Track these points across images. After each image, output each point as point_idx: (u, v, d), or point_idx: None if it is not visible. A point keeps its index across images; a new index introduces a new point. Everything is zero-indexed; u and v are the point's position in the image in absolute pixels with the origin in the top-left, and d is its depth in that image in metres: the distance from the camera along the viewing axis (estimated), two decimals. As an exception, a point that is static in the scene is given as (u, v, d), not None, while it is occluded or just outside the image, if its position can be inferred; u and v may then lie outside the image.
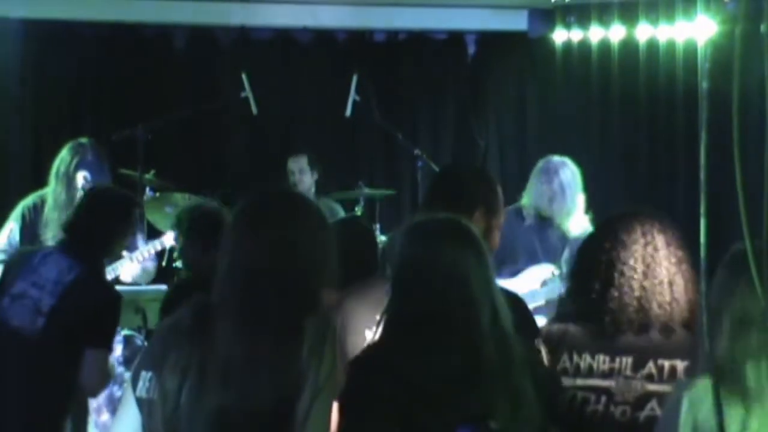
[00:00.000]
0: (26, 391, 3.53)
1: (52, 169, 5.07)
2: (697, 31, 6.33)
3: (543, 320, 3.64)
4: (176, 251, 4.61)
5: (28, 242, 4.95)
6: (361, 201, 6.43)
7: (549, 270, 5.08)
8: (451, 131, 7.64)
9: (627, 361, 2.65)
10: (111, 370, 3.95)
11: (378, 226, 6.10)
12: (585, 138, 7.36)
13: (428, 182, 4.12)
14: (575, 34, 7.27)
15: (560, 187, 5.15)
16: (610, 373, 2.65)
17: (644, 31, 6.92)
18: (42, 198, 5.09)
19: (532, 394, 2.26)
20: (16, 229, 5.04)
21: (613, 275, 2.69)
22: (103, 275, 3.95)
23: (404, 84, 7.56)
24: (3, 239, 5.03)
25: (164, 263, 5.38)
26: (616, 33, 7.04)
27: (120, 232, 3.83)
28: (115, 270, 4.95)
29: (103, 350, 3.64)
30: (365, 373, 2.27)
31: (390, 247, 2.60)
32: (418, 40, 7.53)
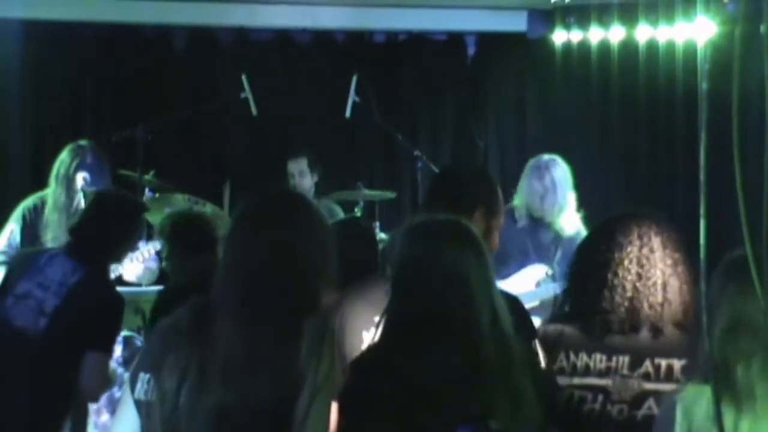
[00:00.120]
0: (28, 391, 3.52)
1: (52, 171, 5.07)
2: (696, 32, 6.32)
3: (537, 321, 3.64)
4: (163, 259, 4.59)
5: (28, 243, 4.94)
6: (361, 202, 6.43)
7: (543, 270, 5.08)
8: (451, 132, 7.63)
9: (624, 359, 2.66)
10: (112, 375, 3.93)
11: (377, 226, 6.10)
12: (585, 139, 7.36)
13: (428, 183, 4.12)
14: (575, 35, 7.26)
15: (552, 184, 5.17)
16: (606, 372, 2.66)
17: (644, 32, 6.92)
18: (42, 199, 5.09)
19: (532, 394, 2.26)
20: (17, 230, 5.03)
21: (607, 276, 2.70)
22: (108, 278, 3.94)
23: (404, 85, 7.55)
24: (3, 240, 5.02)
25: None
26: (615, 34, 7.03)
27: (127, 237, 3.83)
28: (116, 269, 4.94)
29: (104, 354, 3.63)
30: (365, 374, 2.28)
31: (390, 248, 2.60)
32: (417, 41, 7.52)
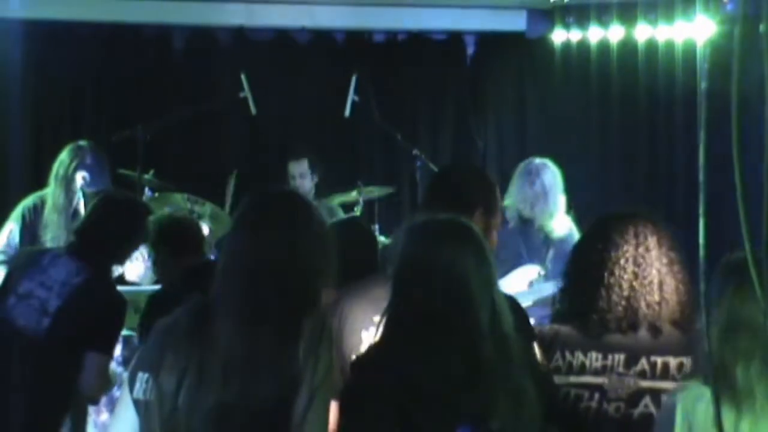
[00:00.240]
0: (28, 391, 3.52)
1: (52, 171, 5.07)
2: (696, 32, 6.33)
3: (531, 320, 3.64)
4: (150, 263, 4.58)
5: (27, 243, 4.94)
6: (361, 201, 6.42)
7: (535, 270, 5.07)
8: (450, 131, 7.62)
9: (619, 358, 2.66)
10: (112, 377, 3.93)
11: (377, 226, 6.10)
12: (584, 138, 7.36)
13: (427, 183, 4.11)
14: (574, 35, 7.26)
15: (542, 190, 5.16)
16: (602, 370, 2.66)
17: (643, 32, 6.93)
18: (42, 199, 5.09)
19: (532, 394, 2.26)
20: (16, 230, 5.03)
21: (604, 275, 2.71)
22: (111, 280, 3.93)
23: (403, 84, 7.55)
24: (2, 240, 5.02)
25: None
26: (615, 33, 7.04)
27: (131, 240, 3.83)
28: (117, 269, 4.94)
29: (105, 355, 3.63)
30: (365, 373, 2.28)
31: (392, 247, 2.60)
32: (417, 40, 7.52)
